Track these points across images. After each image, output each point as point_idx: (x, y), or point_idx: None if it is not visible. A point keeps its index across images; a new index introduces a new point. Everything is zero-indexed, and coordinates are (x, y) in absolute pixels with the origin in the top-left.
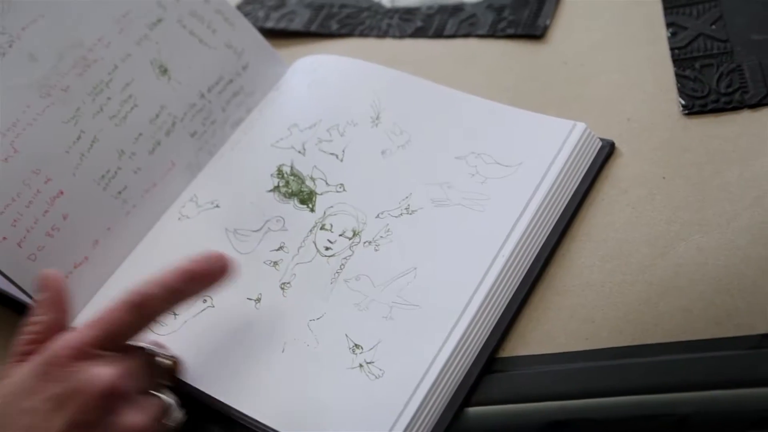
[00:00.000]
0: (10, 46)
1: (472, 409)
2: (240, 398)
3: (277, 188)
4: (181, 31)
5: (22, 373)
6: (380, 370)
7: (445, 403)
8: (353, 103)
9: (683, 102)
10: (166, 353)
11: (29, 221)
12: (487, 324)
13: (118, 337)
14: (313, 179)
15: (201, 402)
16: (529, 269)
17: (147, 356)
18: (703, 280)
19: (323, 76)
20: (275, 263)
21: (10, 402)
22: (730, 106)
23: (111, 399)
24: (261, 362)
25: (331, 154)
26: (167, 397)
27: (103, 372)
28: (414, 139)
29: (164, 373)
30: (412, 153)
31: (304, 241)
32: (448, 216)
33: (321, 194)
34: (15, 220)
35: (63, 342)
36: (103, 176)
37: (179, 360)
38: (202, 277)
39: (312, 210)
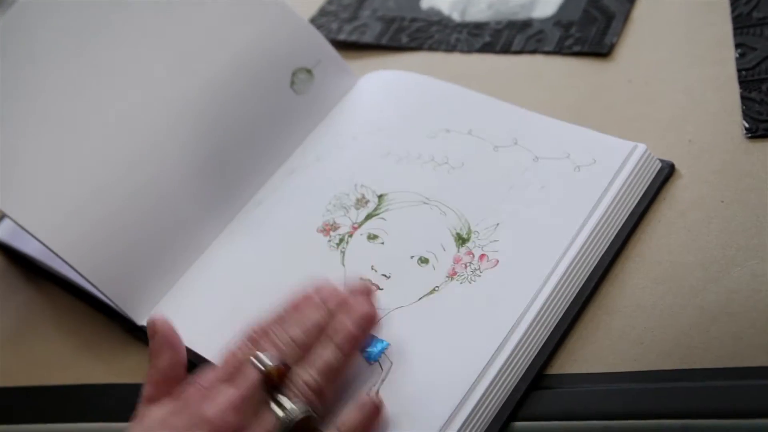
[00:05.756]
0: None
1: (519, 424)
2: None
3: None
4: None
5: (159, 410)
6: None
7: (493, 416)
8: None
9: (747, 125)
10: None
11: None
12: (537, 339)
13: (238, 369)
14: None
15: None
16: (582, 287)
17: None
18: (755, 308)
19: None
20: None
21: None
22: None
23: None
24: None
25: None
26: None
27: (213, 410)
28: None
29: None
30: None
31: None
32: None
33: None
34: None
35: (193, 380)
36: None
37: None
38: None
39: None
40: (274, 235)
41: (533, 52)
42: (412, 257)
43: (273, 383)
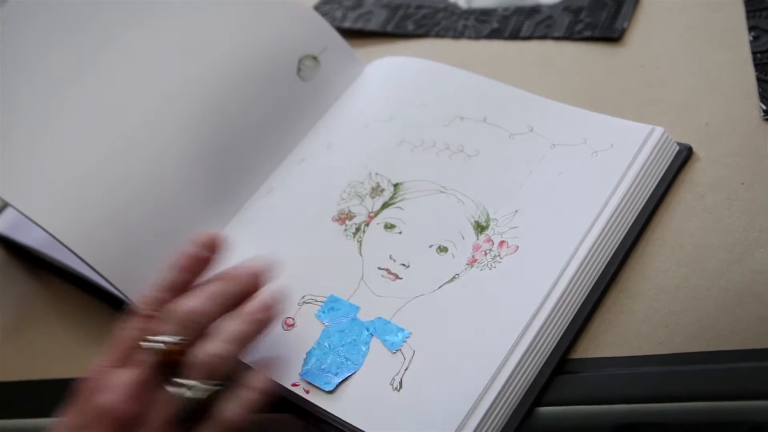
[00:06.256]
0: None
1: (543, 409)
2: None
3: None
4: None
5: (64, 418)
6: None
7: (517, 402)
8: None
9: (764, 107)
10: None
11: None
12: (560, 324)
13: (132, 350)
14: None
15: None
16: (603, 272)
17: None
18: None
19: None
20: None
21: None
22: None
23: (122, 422)
24: None
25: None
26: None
27: (109, 398)
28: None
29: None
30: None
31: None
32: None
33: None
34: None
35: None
36: None
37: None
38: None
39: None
40: (288, 223)
41: (543, 37)
42: (430, 246)
43: (172, 362)
